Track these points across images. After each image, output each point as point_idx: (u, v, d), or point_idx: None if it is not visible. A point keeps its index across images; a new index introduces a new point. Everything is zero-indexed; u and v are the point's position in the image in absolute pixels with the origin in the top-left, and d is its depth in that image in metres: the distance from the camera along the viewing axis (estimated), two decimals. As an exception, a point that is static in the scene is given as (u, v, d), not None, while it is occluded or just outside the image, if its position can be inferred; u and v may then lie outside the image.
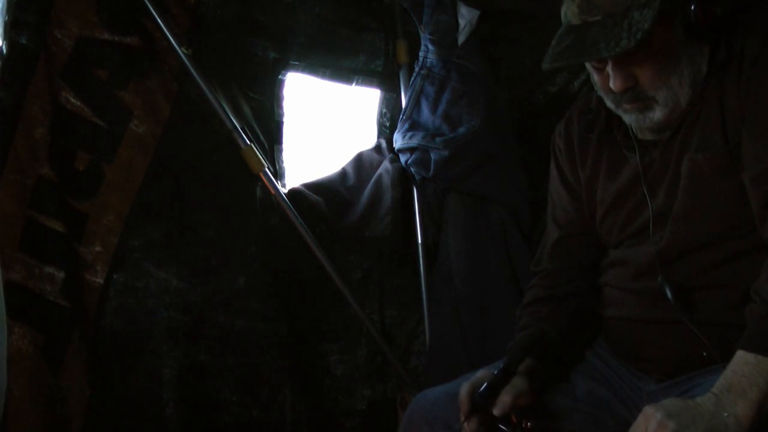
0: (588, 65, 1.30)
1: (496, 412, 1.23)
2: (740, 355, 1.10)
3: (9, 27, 1.76)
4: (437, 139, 2.37)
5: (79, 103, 1.90)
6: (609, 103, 1.31)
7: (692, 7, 1.20)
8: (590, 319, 1.46)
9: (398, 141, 2.43)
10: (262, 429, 2.21)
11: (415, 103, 2.42)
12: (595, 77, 1.30)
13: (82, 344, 1.89)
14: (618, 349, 1.42)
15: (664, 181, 1.31)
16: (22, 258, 1.81)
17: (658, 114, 1.25)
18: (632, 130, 1.37)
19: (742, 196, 1.21)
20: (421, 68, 2.42)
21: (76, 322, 1.88)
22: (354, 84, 2.50)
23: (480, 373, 1.31)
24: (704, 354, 1.28)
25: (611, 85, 1.24)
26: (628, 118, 1.31)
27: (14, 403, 1.74)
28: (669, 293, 1.26)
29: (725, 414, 1.06)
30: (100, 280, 1.95)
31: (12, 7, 1.76)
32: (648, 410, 1.07)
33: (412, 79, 2.43)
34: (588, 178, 1.46)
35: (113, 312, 1.98)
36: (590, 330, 1.47)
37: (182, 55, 2.00)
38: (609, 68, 1.24)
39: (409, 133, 2.41)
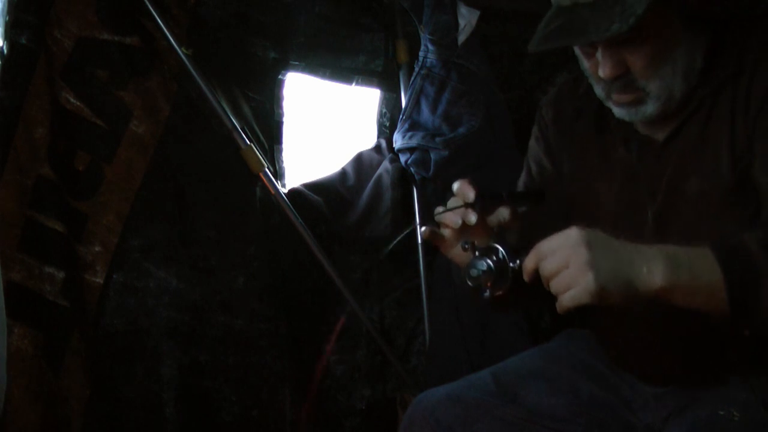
0: (577, 51, 1.23)
1: (494, 218, 1.16)
2: (703, 246, 1.03)
3: (9, 27, 1.76)
4: (437, 139, 2.37)
5: (79, 103, 1.90)
6: (599, 93, 1.24)
7: None
8: None
9: (398, 141, 2.43)
10: (262, 429, 2.20)
11: (415, 103, 2.42)
12: (585, 64, 1.23)
13: (82, 344, 1.88)
14: (618, 362, 1.39)
15: (660, 188, 1.24)
16: (21, 258, 1.81)
17: (650, 108, 1.19)
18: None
19: (747, 226, 1.14)
20: (421, 68, 2.42)
21: (76, 322, 1.88)
22: (354, 84, 2.50)
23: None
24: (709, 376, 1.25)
25: (600, 72, 1.18)
26: (618, 112, 1.23)
27: (14, 403, 1.74)
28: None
29: (644, 269, 1.00)
30: (99, 280, 1.95)
31: (12, 7, 1.76)
32: (571, 229, 1.02)
33: (412, 79, 2.43)
34: (575, 165, 1.39)
35: (113, 312, 1.98)
36: None
37: (182, 55, 1.99)
38: (599, 54, 1.17)
39: (409, 133, 2.41)
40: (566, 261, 1.00)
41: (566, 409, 1.33)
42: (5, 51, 1.76)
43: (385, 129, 2.61)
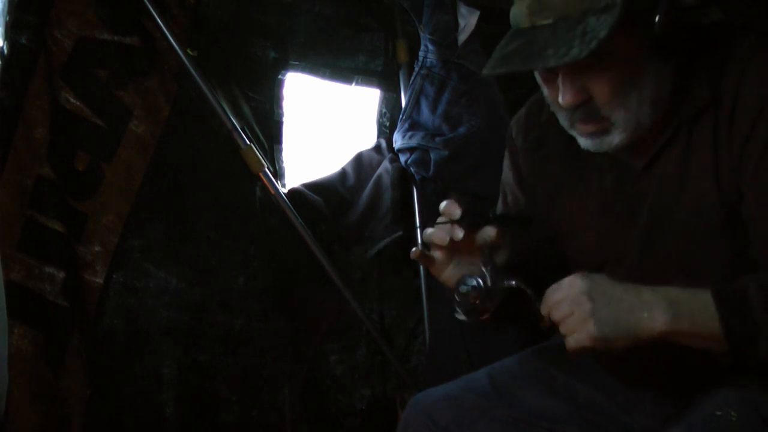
0: (537, 76, 1.15)
1: (481, 236, 1.14)
2: (705, 291, 1.03)
3: (9, 27, 1.76)
4: (437, 139, 2.37)
5: (79, 103, 1.90)
6: (562, 121, 1.17)
7: (658, 18, 1.04)
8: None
9: (398, 141, 2.43)
10: (262, 429, 2.21)
11: (414, 103, 2.42)
12: (545, 90, 1.15)
13: (82, 344, 1.88)
14: (614, 365, 1.36)
15: (642, 216, 1.21)
16: (21, 258, 1.81)
17: (616, 138, 1.11)
18: None
19: (737, 254, 1.13)
20: (421, 68, 2.42)
21: (76, 322, 1.88)
22: (354, 84, 2.50)
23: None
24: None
25: (560, 99, 1.10)
26: (584, 142, 1.15)
27: (14, 403, 1.74)
28: None
29: (645, 315, 1.02)
30: (99, 280, 1.95)
31: (12, 7, 1.76)
32: (575, 278, 1.05)
33: (412, 78, 2.43)
34: (549, 192, 1.34)
35: (113, 312, 1.98)
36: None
37: (182, 55, 2.00)
38: (559, 80, 1.09)
39: (409, 133, 2.41)
40: (570, 310, 1.05)
41: (563, 410, 1.32)
42: (5, 51, 1.76)
43: (385, 129, 2.61)
